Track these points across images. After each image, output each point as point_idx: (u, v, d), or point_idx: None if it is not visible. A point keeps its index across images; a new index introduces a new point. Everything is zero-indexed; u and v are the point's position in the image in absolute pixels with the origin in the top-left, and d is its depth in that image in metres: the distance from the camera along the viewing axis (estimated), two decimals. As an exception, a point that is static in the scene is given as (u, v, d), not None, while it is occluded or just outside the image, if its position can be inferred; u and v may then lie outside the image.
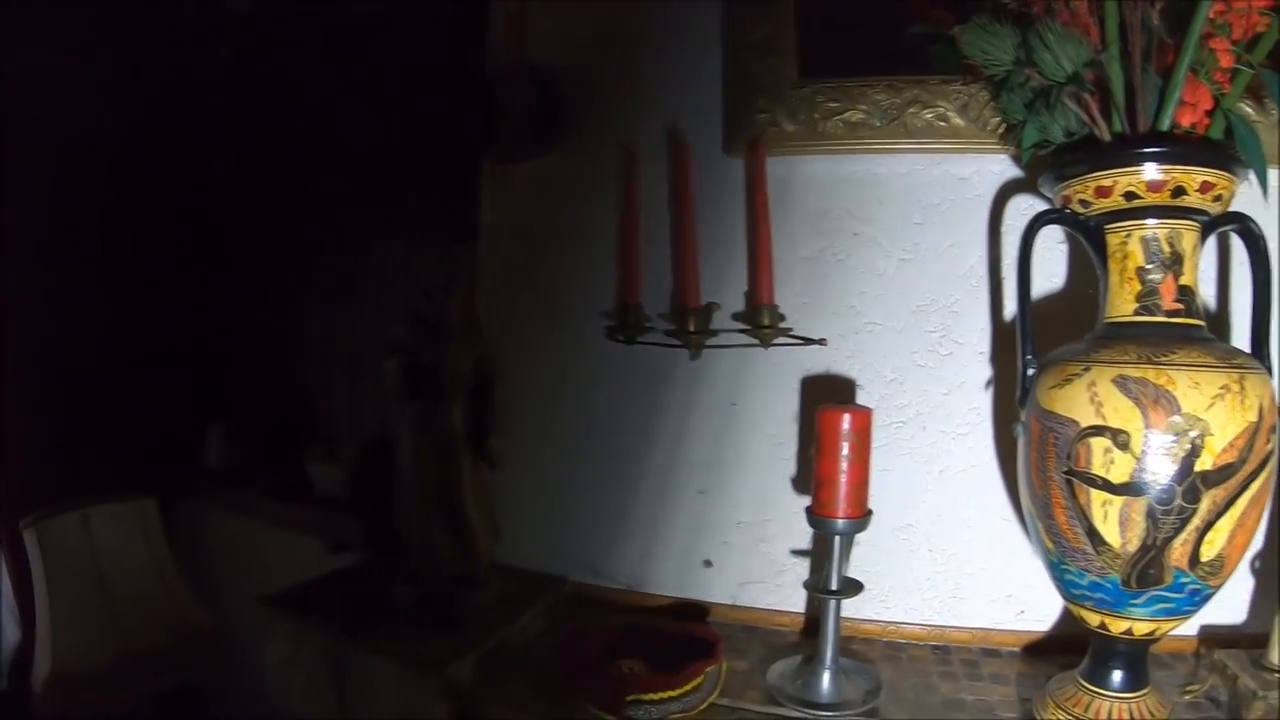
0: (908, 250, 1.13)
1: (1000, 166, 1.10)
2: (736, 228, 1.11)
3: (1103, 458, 0.86)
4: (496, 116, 1.21)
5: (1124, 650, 0.96)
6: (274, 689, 1.26)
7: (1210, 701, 1.06)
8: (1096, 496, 0.87)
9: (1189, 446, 0.84)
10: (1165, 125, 0.93)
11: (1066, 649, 1.09)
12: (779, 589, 1.10)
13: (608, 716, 0.97)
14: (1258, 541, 1.10)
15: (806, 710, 1.02)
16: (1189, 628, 1.15)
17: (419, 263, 1.29)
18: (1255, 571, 1.16)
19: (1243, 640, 1.10)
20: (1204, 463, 0.84)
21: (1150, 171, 0.89)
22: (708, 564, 1.19)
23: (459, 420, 1.15)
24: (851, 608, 1.15)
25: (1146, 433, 0.84)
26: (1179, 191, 0.89)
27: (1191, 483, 0.84)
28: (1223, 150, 0.92)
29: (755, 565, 1.10)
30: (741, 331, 1.08)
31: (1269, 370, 0.94)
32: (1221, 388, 0.84)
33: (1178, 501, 0.85)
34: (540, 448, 1.23)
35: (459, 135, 1.24)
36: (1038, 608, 1.13)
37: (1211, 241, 0.97)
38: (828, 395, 1.12)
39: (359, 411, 1.92)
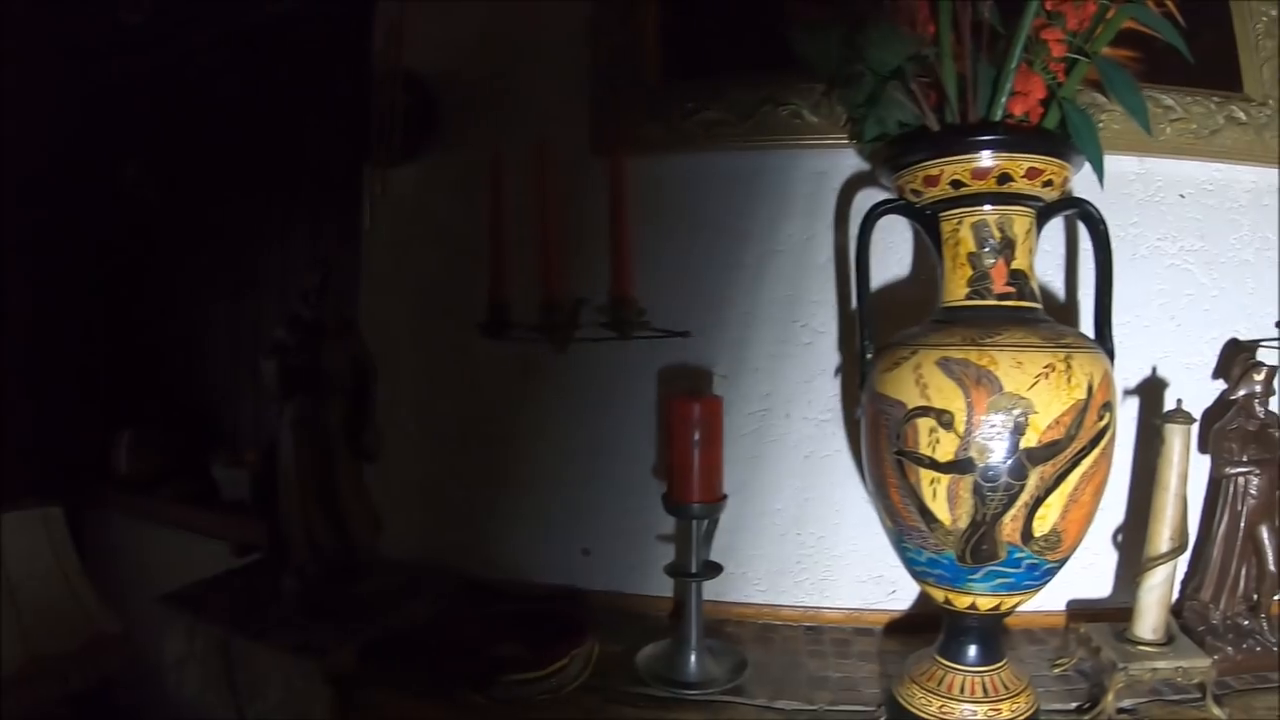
0: (767, 243, 1.16)
1: (856, 160, 1.13)
2: (605, 226, 1.13)
3: (928, 437, 0.88)
4: (375, 121, 1.22)
5: (976, 625, 0.98)
6: (173, 685, 1.27)
7: (1080, 674, 1.10)
8: (925, 475, 0.89)
9: (1012, 425, 0.86)
10: (998, 115, 0.95)
11: (936, 626, 1.11)
12: (654, 575, 1.11)
13: (478, 696, 0.98)
14: (1115, 516, 1.14)
15: (673, 690, 1.04)
16: (1056, 602, 1.19)
17: (305, 265, 1.30)
18: (1118, 545, 1.19)
19: (1109, 614, 1.14)
20: (1029, 440, 0.86)
21: (975, 160, 0.91)
22: (586, 552, 1.21)
23: (336, 417, 1.16)
24: (725, 591, 1.17)
25: (969, 412, 0.86)
26: (1005, 178, 0.91)
27: (1017, 460, 0.86)
28: (1051, 137, 0.94)
29: (631, 552, 1.12)
30: (604, 325, 1.09)
31: (1108, 351, 0.97)
32: (1046, 367, 0.86)
33: (1004, 479, 0.87)
34: (424, 442, 1.24)
35: (342, 140, 1.25)
36: (909, 587, 1.15)
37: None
38: (693, 385, 1.14)
39: (264, 414, 1.93)
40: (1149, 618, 1.06)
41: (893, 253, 1.15)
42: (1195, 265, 1.22)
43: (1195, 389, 1.20)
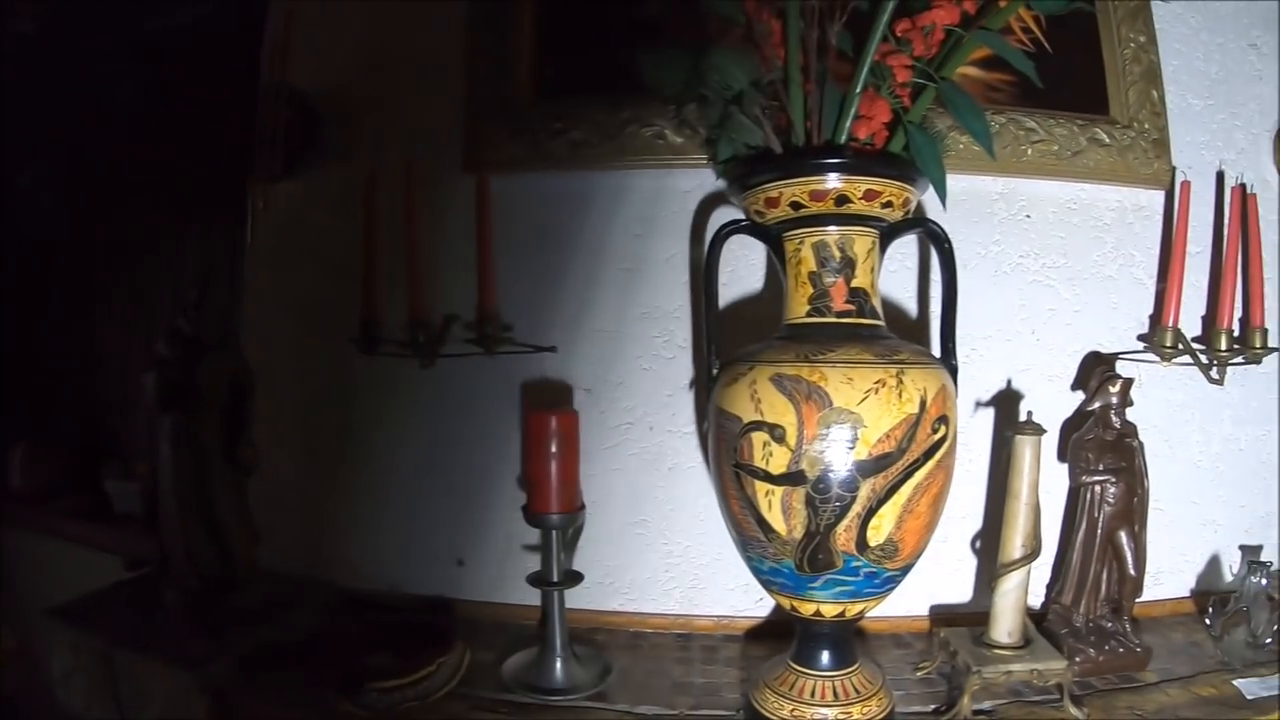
0: (631, 261, 1.18)
1: (715, 180, 1.15)
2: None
3: (763, 451, 0.90)
4: (259, 136, 1.23)
5: (828, 631, 1.00)
6: (61, 698, 1.28)
7: (942, 677, 1.12)
8: (760, 487, 0.91)
9: (842, 438, 0.88)
10: (842, 138, 0.97)
11: (798, 633, 1.14)
12: (524, 585, 1.12)
13: (348, 704, 0.99)
14: (975, 524, 1.16)
15: (537, 696, 1.05)
16: (919, 607, 1.21)
17: (189, 279, 1.31)
18: (978, 552, 1.21)
19: (970, 618, 1.16)
20: (859, 453, 0.88)
21: (811, 182, 0.93)
22: (460, 563, 1.22)
23: (213, 431, 1.17)
24: (597, 600, 1.19)
25: (800, 426, 0.88)
26: (843, 200, 0.93)
27: (847, 472, 0.88)
28: (889, 160, 0.97)
29: (502, 562, 1.13)
30: (470, 341, 1.11)
31: (950, 366, 1.00)
32: (876, 382, 0.88)
33: (835, 490, 0.89)
34: (304, 456, 1.25)
35: (229, 154, 1.26)
36: (776, 594, 1.17)
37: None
38: (556, 399, 1.16)
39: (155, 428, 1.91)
40: (1004, 622, 1.08)
41: (755, 270, 1.17)
42: (1058, 281, 1.25)
43: (1058, 401, 1.23)
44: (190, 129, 1.59)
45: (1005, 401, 1.22)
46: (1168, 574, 1.33)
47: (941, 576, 1.24)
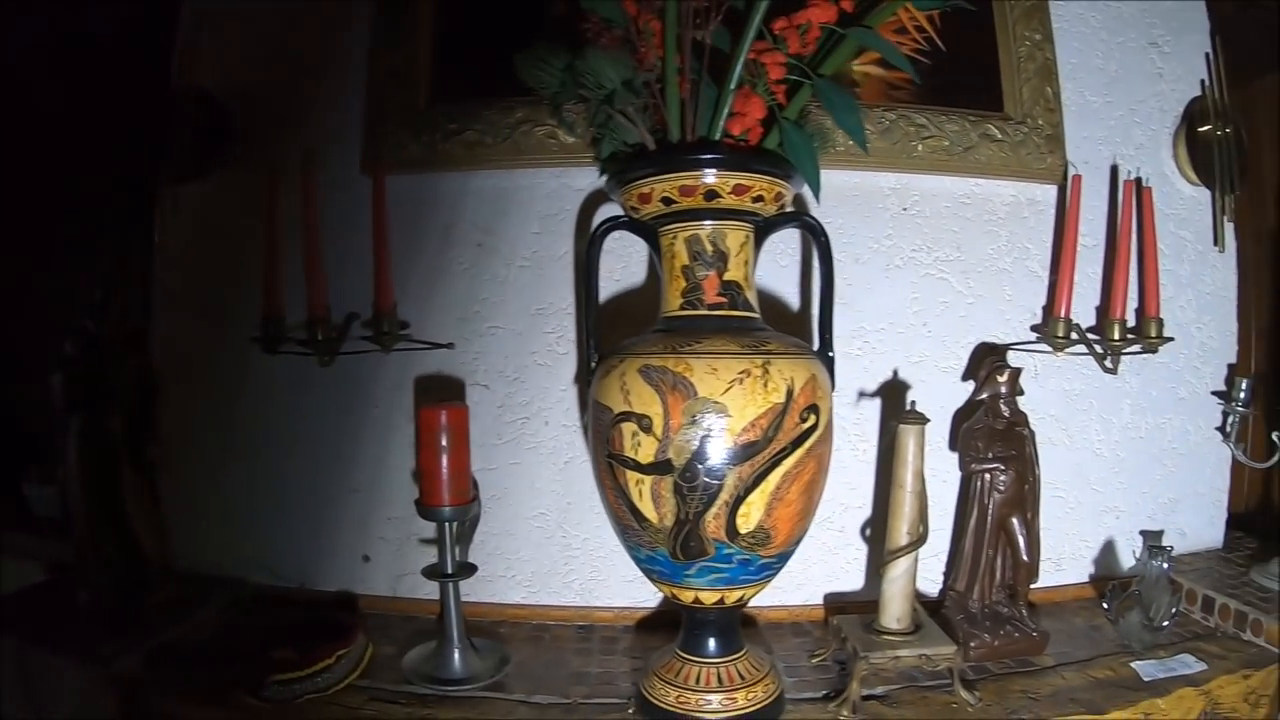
0: (526, 258, 1.19)
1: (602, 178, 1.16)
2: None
3: (632, 441, 0.91)
4: (169, 139, 1.24)
5: (713, 619, 1.01)
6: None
7: (837, 664, 1.13)
8: (631, 477, 0.92)
9: (707, 428, 0.89)
10: (717, 135, 0.99)
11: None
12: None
13: (249, 698, 1.00)
14: (865, 512, 1.17)
15: (435, 687, 1.06)
16: (813, 596, 1.22)
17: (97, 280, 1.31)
18: (868, 540, 1.22)
19: (861, 607, 1.18)
20: (725, 442, 0.88)
21: (680, 178, 0.94)
22: (366, 559, 1.23)
23: (120, 430, 1.18)
24: (499, 593, 1.20)
25: (666, 416, 0.89)
26: (712, 195, 0.94)
27: (712, 461, 0.89)
28: (758, 155, 0.98)
29: (409, 558, 1.14)
30: (365, 339, 1.12)
31: (826, 357, 1.01)
32: (741, 373, 0.89)
33: (702, 479, 0.89)
34: (213, 454, 1.26)
35: (141, 155, 1.27)
36: (675, 584, 1.18)
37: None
38: (450, 395, 1.17)
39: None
40: (893, 608, 1.09)
41: (644, 265, 1.19)
42: (951, 274, 1.26)
43: (951, 391, 1.24)
44: (101, 130, 1.59)
45: (896, 392, 1.23)
46: (1069, 560, 1.34)
47: (836, 565, 1.25)
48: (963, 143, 1.24)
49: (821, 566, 1.24)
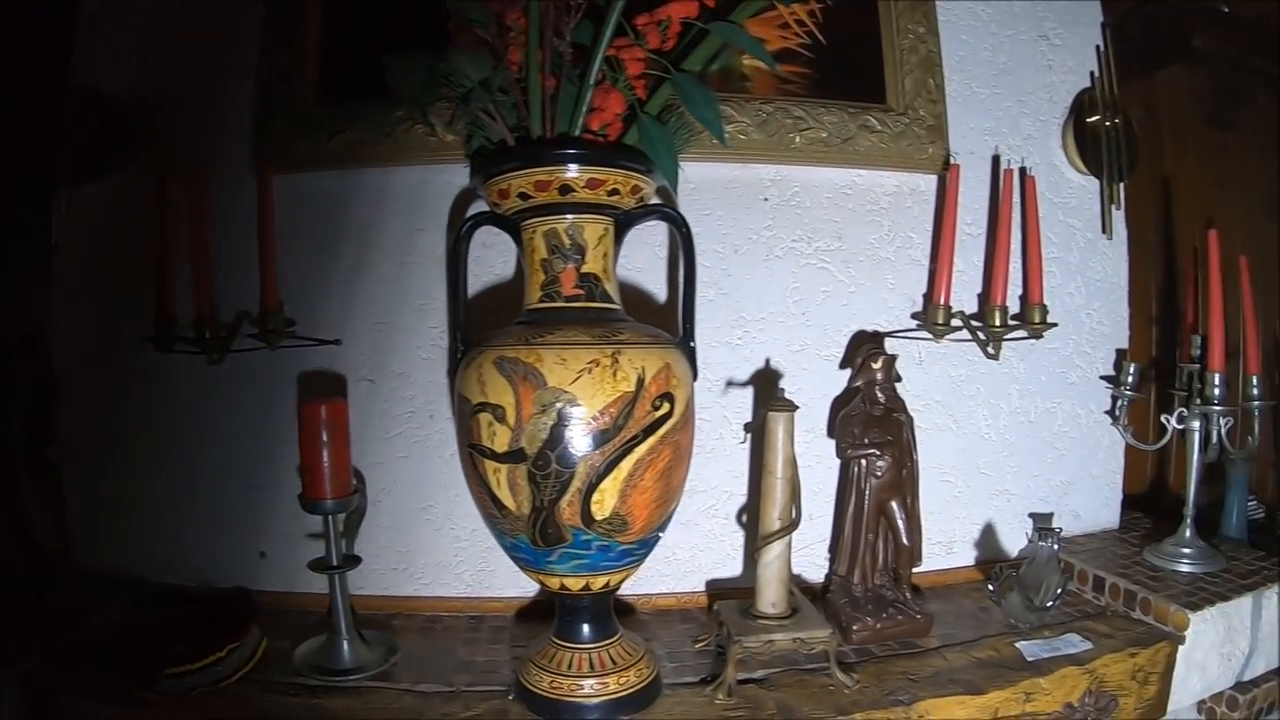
0: (411, 255, 1.20)
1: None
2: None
3: (488, 430, 0.92)
4: (65, 139, 1.25)
5: (585, 605, 1.02)
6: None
7: (718, 649, 1.14)
8: (489, 465, 0.93)
9: (556, 416, 0.90)
10: (577, 130, 0.99)
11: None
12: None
13: (145, 692, 1.01)
14: (740, 499, 1.18)
15: (324, 678, 1.07)
16: (701, 583, 1.23)
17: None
18: (744, 526, 1.23)
19: (742, 592, 1.17)
20: (574, 430, 0.90)
21: (534, 173, 0.95)
22: (263, 555, 1.24)
23: (19, 431, 1.19)
24: (392, 586, 1.22)
25: (518, 406, 0.90)
26: (567, 189, 0.95)
27: (563, 449, 0.90)
28: (610, 149, 0.99)
29: (305, 553, 1.15)
30: (252, 336, 1.13)
31: (685, 346, 1.02)
32: (590, 362, 0.90)
33: (554, 466, 0.91)
34: (114, 454, 1.26)
35: (33, 157, 1.27)
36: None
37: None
38: (333, 390, 1.18)
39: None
40: (768, 593, 1.10)
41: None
42: (832, 264, 1.27)
43: (833, 379, 1.25)
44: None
45: (771, 380, 1.23)
46: (960, 543, 1.36)
47: (722, 552, 1.26)
48: (841, 134, 1.25)
49: (709, 554, 1.25)
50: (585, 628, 1.02)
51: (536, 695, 0.99)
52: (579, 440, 0.90)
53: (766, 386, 1.23)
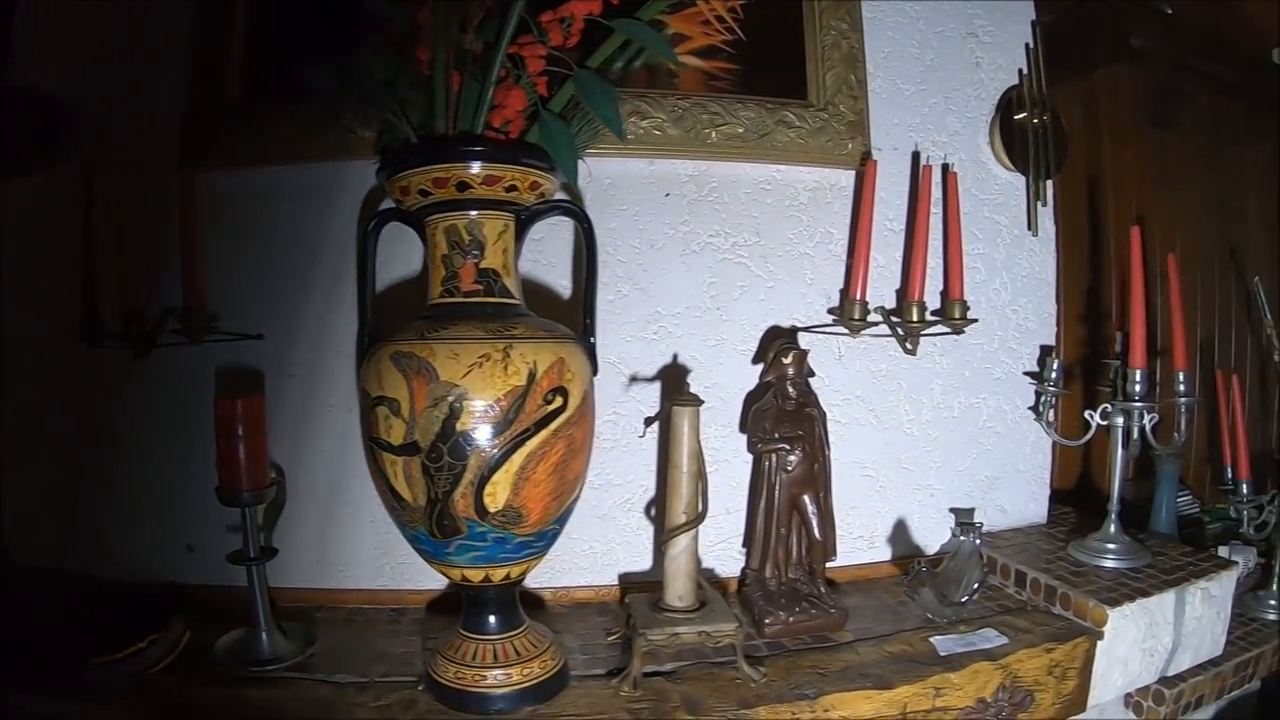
0: (335, 250, 1.20)
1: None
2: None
3: (385, 423, 0.94)
4: (2, 137, 1.26)
5: (490, 596, 1.03)
6: None
7: (628, 642, 1.14)
8: (387, 458, 0.95)
9: (448, 410, 0.91)
10: (480, 127, 1.00)
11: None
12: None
13: (69, 682, 1.02)
14: (633, 493, 1.20)
15: (242, 669, 1.08)
16: (610, 577, 1.24)
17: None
18: (653, 520, 1.24)
19: (654, 586, 1.17)
20: (465, 423, 0.91)
21: (434, 170, 0.96)
22: (190, 549, 1.24)
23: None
24: (318, 579, 1.23)
25: (412, 399, 0.92)
26: (464, 185, 0.97)
27: (455, 441, 0.91)
28: (507, 146, 1.00)
29: (231, 547, 1.15)
30: (175, 331, 1.14)
31: (585, 341, 1.03)
32: (481, 356, 0.92)
33: (446, 459, 0.92)
34: (45, 451, 1.27)
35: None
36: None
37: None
38: (254, 385, 1.19)
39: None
40: (675, 586, 1.11)
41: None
42: (750, 259, 1.28)
43: (750, 374, 1.25)
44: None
45: (681, 376, 1.24)
46: (882, 537, 1.37)
47: (639, 546, 1.27)
48: (759, 130, 1.26)
49: (625, 548, 1.26)
50: (490, 619, 1.04)
51: (443, 686, 1.01)
52: (470, 433, 0.92)
53: (677, 381, 1.23)
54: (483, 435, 0.92)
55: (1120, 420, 1.33)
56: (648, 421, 1.10)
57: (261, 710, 1.00)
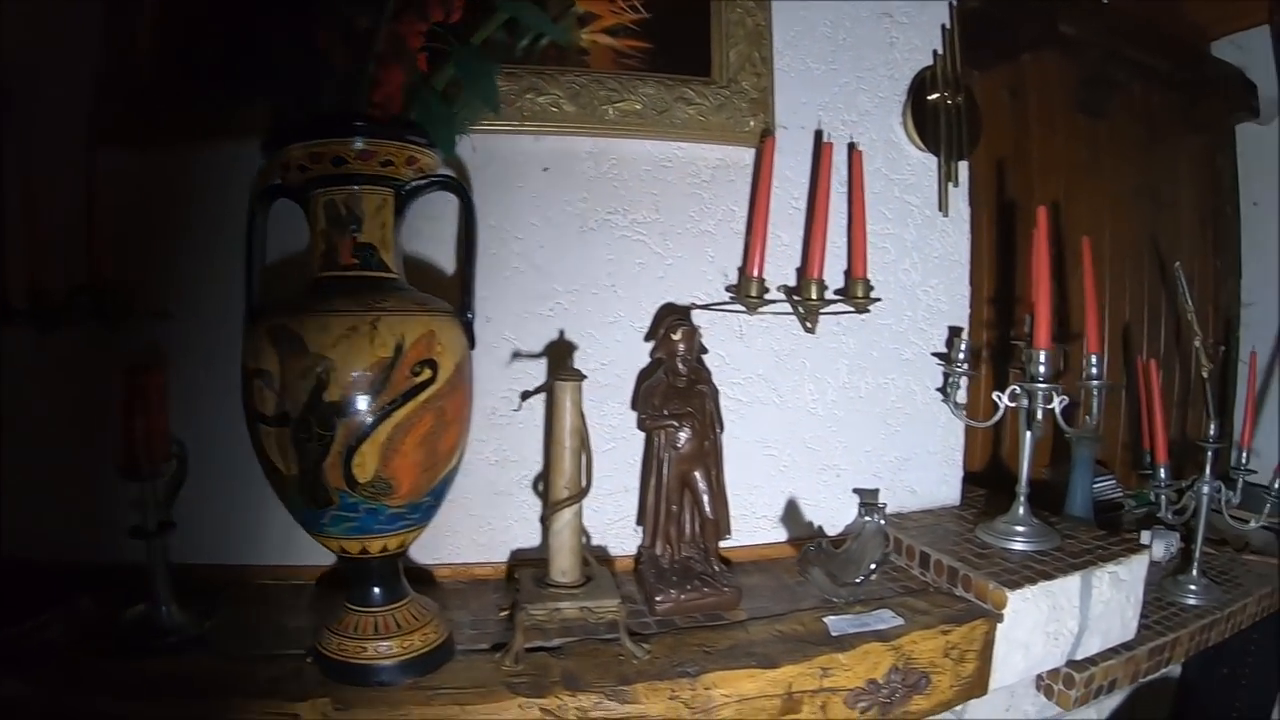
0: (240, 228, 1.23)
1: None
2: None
3: (259, 395, 0.99)
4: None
5: (374, 568, 1.08)
6: None
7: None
8: (263, 430, 1.00)
9: (315, 381, 0.96)
10: (364, 104, 1.04)
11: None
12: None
13: None
14: (530, 470, 1.24)
15: (141, 642, 1.11)
16: (496, 553, 1.28)
17: None
18: (540, 495, 1.28)
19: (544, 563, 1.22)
20: (332, 394, 0.96)
21: (313, 146, 1.00)
22: (98, 524, 1.28)
23: None
24: (233, 555, 1.28)
25: (282, 371, 0.97)
26: (339, 161, 1.01)
27: (322, 412, 0.96)
28: (392, 122, 1.04)
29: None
30: (82, 309, 1.19)
31: (462, 316, 1.07)
32: (349, 329, 0.97)
33: (315, 429, 0.97)
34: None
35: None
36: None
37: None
38: (155, 362, 1.23)
39: None
40: (559, 561, 1.16)
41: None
42: (649, 236, 1.33)
43: (646, 351, 1.30)
44: None
45: (568, 351, 1.30)
46: (786, 517, 1.40)
47: (533, 523, 1.30)
48: (657, 106, 1.30)
49: (523, 525, 1.31)
50: (374, 591, 1.09)
51: (328, 658, 1.06)
52: (338, 404, 0.97)
53: (565, 357, 1.27)
54: (350, 406, 0.97)
55: (1028, 402, 1.36)
56: (524, 395, 1.15)
57: (155, 683, 1.04)
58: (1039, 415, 1.35)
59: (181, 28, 1.29)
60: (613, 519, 1.34)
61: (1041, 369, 1.34)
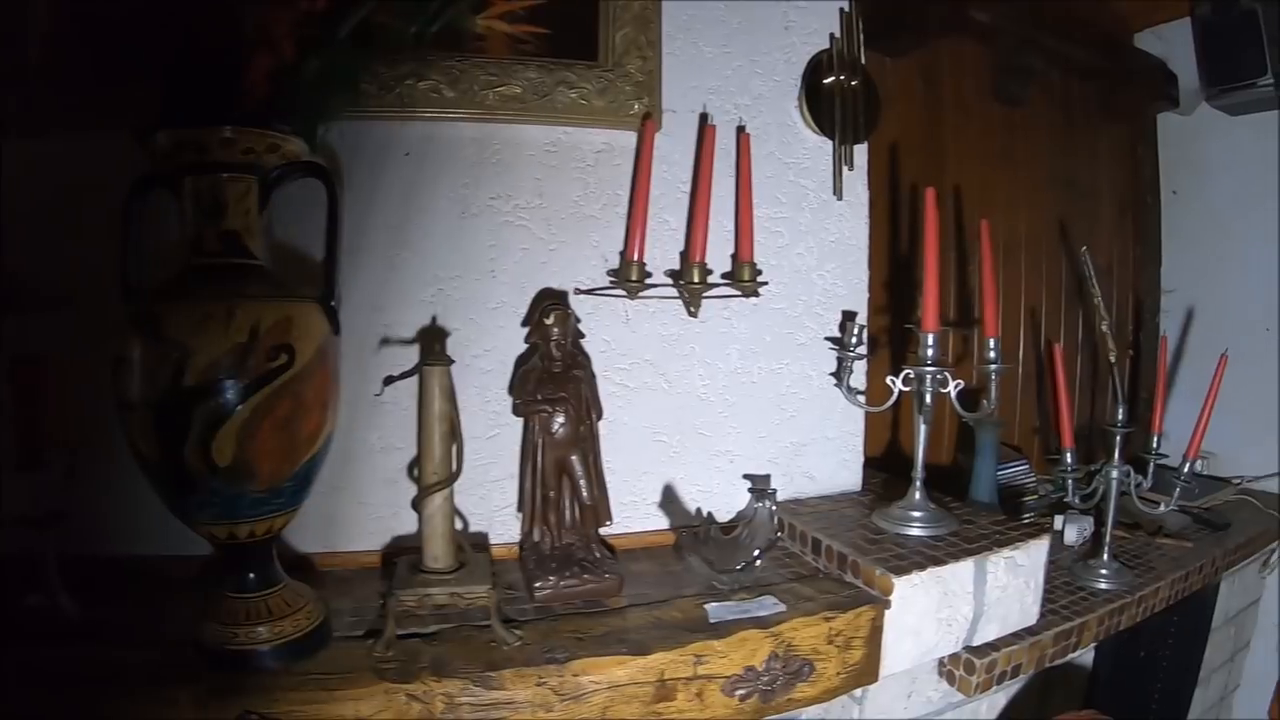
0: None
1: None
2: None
3: (127, 380, 1.03)
4: None
5: (244, 553, 1.14)
6: None
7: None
8: (129, 416, 1.05)
9: (172, 367, 1.02)
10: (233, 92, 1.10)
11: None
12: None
13: None
14: (410, 456, 1.30)
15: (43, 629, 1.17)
16: (374, 542, 1.34)
17: None
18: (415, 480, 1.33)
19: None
20: (188, 379, 1.02)
21: (178, 134, 1.06)
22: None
23: None
24: (126, 544, 1.32)
25: (139, 358, 1.03)
26: (201, 149, 1.07)
27: (178, 397, 1.02)
28: (255, 110, 1.10)
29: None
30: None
31: (325, 302, 1.13)
32: (203, 315, 1.03)
33: (172, 415, 1.03)
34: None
35: None
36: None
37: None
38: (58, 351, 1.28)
39: None
40: (432, 547, 1.22)
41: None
42: (532, 221, 1.39)
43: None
44: None
45: (439, 337, 1.33)
46: (675, 504, 1.46)
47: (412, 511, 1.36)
48: (538, 90, 1.36)
49: (409, 513, 1.35)
50: (248, 577, 1.15)
51: (205, 645, 1.12)
52: (193, 390, 1.03)
53: (436, 342, 1.33)
54: (207, 391, 1.03)
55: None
56: (387, 381, 1.21)
57: (38, 673, 1.07)
58: (928, 399, 1.41)
59: (70, 12, 1.35)
60: (498, 506, 1.41)
61: (930, 351, 1.40)
